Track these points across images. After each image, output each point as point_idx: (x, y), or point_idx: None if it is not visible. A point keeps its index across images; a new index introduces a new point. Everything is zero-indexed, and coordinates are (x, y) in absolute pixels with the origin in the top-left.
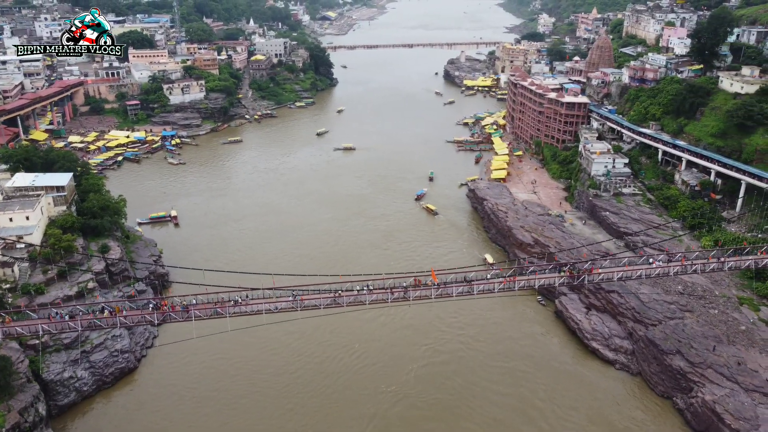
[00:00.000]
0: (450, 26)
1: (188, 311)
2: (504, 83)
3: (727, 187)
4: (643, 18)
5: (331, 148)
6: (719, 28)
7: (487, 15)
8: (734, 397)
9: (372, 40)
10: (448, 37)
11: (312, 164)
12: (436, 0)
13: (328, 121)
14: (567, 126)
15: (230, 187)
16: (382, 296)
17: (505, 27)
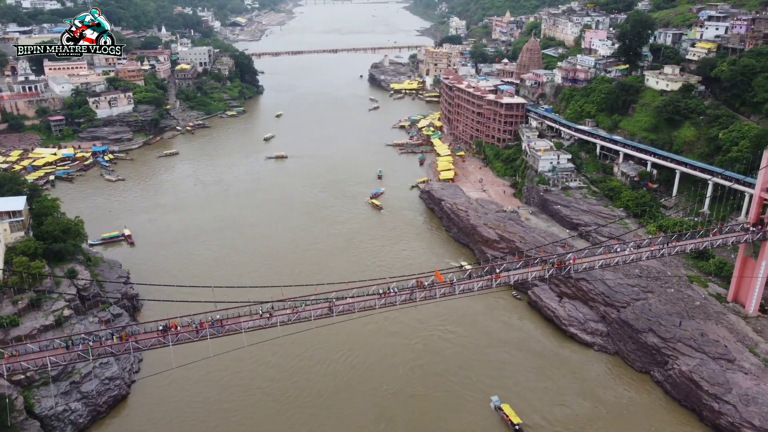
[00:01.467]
0: (362, 30)
1: (200, 330)
2: (430, 86)
3: (662, 177)
4: (560, 21)
5: (272, 156)
6: (642, 31)
7: (395, 18)
8: (705, 366)
9: (291, 45)
10: (362, 41)
11: (257, 174)
12: (342, 4)
13: (266, 128)
14: (507, 126)
15: (180, 202)
16: (390, 300)
17: (416, 30)
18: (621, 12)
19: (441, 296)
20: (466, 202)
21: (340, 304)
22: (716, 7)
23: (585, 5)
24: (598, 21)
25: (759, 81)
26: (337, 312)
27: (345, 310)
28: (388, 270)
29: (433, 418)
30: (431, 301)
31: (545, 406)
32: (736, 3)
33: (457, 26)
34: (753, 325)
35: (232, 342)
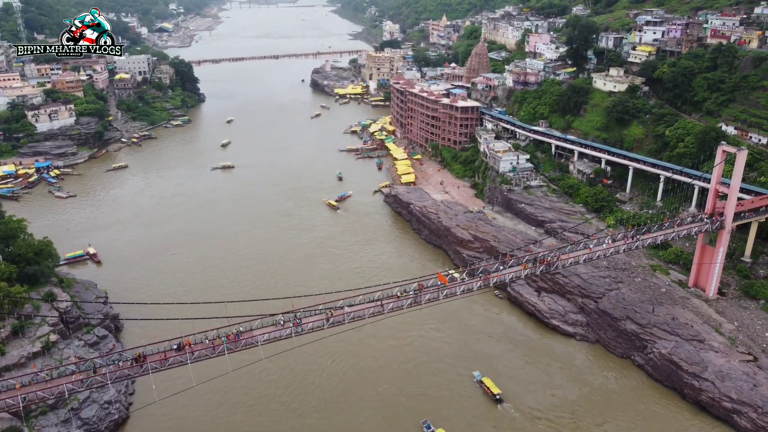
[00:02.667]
0: (294, 34)
1: (215, 346)
2: (374, 90)
3: (616, 173)
4: (501, 26)
5: (218, 166)
6: (588, 36)
7: (325, 22)
8: (681, 347)
9: (228, 51)
10: (295, 45)
11: (215, 184)
12: (267, 8)
13: (218, 136)
14: (463, 128)
15: (140, 216)
16: (398, 303)
17: (348, 34)
18: (557, 16)
19: (444, 297)
20: (434, 205)
21: (351, 312)
22: (652, 13)
23: (521, 10)
24: (537, 25)
25: (698, 81)
26: (348, 320)
27: (356, 317)
28: (371, 275)
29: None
30: (435, 303)
31: (537, 392)
32: (669, 8)
33: (391, 30)
34: (714, 307)
35: (230, 360)
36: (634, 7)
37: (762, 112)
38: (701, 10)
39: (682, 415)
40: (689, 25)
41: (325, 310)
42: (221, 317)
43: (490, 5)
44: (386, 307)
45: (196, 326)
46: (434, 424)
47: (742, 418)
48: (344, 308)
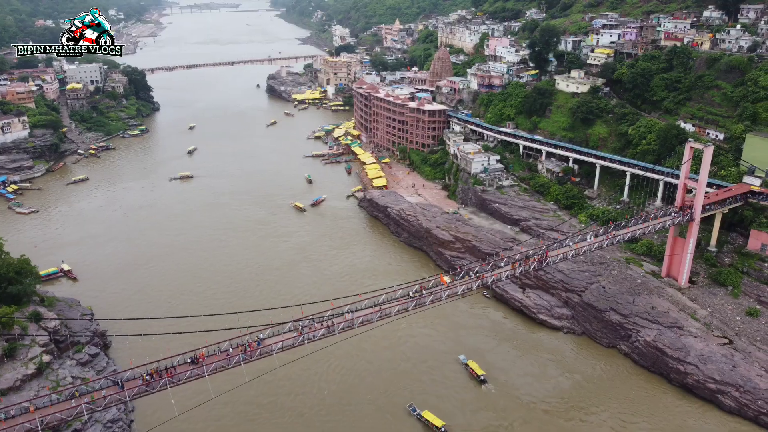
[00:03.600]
0: (241, 40)
1: (228, 357)
2: (332, 95)
3: (584, 171)
4: (458, 30)
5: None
6: (550, 39)
7: (271, 27)
8: (664, 334)
9: (180, 58)
10: (244, 51)
11: (184, 195)
12: (210, 13)
13: (180, 143)
14: (431, 131)
15: (111, 230)
16: (404, 306)
17: (297, 39)
18: (511, 20)
19: (446, 298)
20: (411, 207)
21: (360, 316)
22: (607, 16)
23: (475, 14)
24: (494, 29)
25: (656, 81)
26: (357, 324)
27: (365, 321)
28: (358, 279)
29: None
30: (438, 304)
31: (531, 382)
32: (622, 12)
33: (342, 34)
34: (687, 295)
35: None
36: (588, 11)
37: (717, 110)
38: (653, 14)
39: (669, 398)
40: (643, 28)
41: (334, 316)
42: (216, 330)
43: (439, 9)
44: (393, 310)
45: (190, 341)
46: (420, 406)
47: (726, 398)
48: (353, 313)
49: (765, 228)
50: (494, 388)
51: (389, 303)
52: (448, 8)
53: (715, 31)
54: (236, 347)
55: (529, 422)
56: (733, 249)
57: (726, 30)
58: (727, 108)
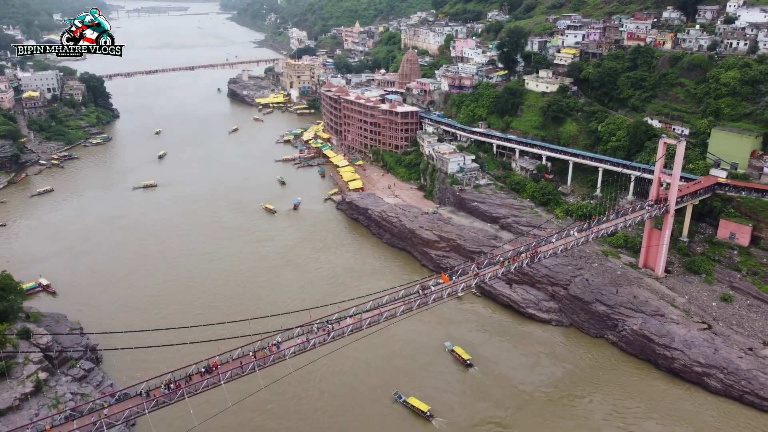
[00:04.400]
0: (195, 44)
1: (243, 365)
2: (296, 98)
3: (557, 168)
4: (422, 32)
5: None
6: (518, 40)
7: (223, 30)
8: (648, 323)
9: (132, 64)
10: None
11: (159, 203)
12: (159, 17)
13: (141, 152)
14: (404, 133)
15: (87, 242)
16: (408, 306)
17: (252, 42)
18: (473, 21)
19: (447, 296)
20: (391, 208)
21: (368, 317)
22: (570, 17)
23: (436, 16)
24: (457, 30)
25: (622, 80)
26: (365, 325)
27: (373, 322)
28: (346, 281)
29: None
30: (440, 302)
31: (523, 371)
32: (584, 13)
33: (299, 37)
34: (665, 284)
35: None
36: (552, 12)
37: (682, 106)
38: (615, 15)
39: (659, 383)
40: (606, 29)
41: (342, 319)
42: (213, 340)
43: (396, 11)
44: (398, 310)
45: (186, 352)
46: (406, 393)
47: (711, 380)
48: (361, 314)
49: (733, 218)
50: (480, 371)
51: (395, 303)
52: (406, 10)
53: (676, 31)
54: (257, 351)
55: (524, 408)
56: (704, 238)
57: (686, 30)
58: (691, 104)
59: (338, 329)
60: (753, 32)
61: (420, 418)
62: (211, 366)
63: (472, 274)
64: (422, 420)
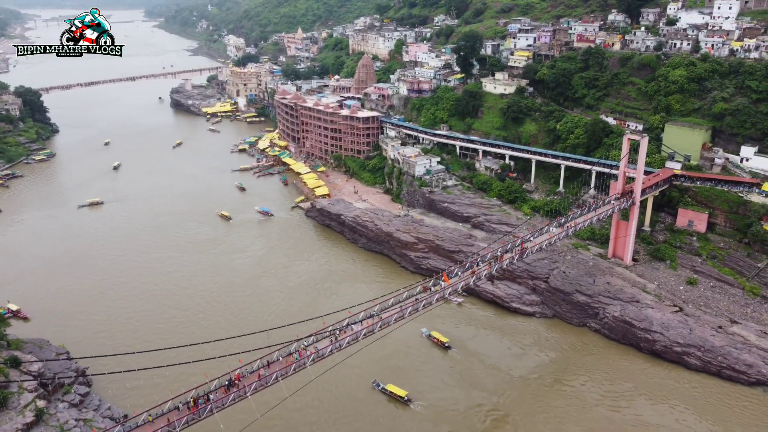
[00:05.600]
0: (127, 53)
1: (264, 377)
2: (244, 106)
3: (519, 166)
4: (370, 37)
5: (85, 204)
6: (475, 44)
7: (153, 38)
8: (627, 309)
9: (63, 76)
10: (134, 64)
11: (119, 219)
12: None
13: (90, 166)
14: (366, 138)
15: (50, 264)
16: (415, 306)
17: (185, 50)
18: (420, 26)
19: (449, 295)
20: (365, 213)
21: (379, 321)
22: (520, 21)
23: (382, 21)
24: (406, 35)
25: (576, 80)
26: (377, 327)
27: (383, 325)
28: (331, 287)
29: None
30: (442, 302)
31: (513, 360)
32: (533, 17)
33: (236, 44)
34: (635, 272)
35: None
36: (501, 16)
37: (634, 104)
38: (562, 18)
39: (643, 364)
40: (556, 31)
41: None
42: (207, 359)
43: (336, 16)
44: (406, 311)
45: (179, 373)
46: (384, 381)
47: (691, 358)
48: (372, 318)
49: (690, 206)
50: (460, 352)
51: (404, 303)
52: (344, 15)
53: (623, 32)
54: (286, 356)
55: (515, 392)
56: (665, 227)
57: (633, 32)
58: (643, 102)
59: (352, 333)
60: (694, 33)
61: (399, 404)
62: (234, 379)
63: (470, 273)
64: (401, 405)
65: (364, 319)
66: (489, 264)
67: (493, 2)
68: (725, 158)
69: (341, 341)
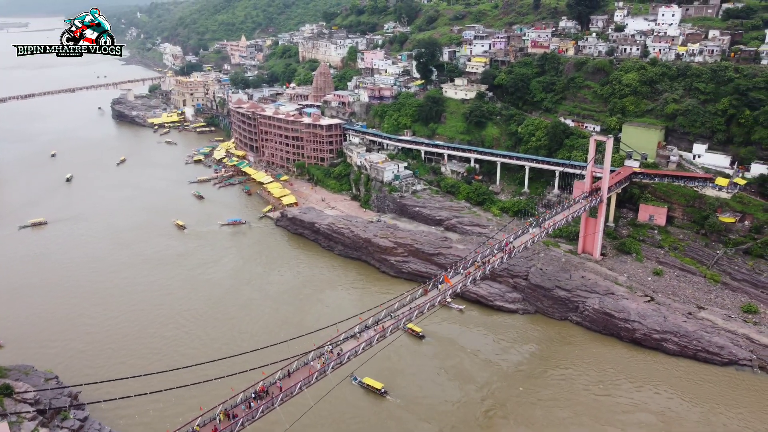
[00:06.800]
0: (53, 63)
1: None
2: (192, 116)
3: (485, 169)
4: (321, 44)
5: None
6: (434, 51)
7: None
8: (605, 301)
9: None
10: (63, 74)
11: (80, 238)
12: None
13: (37, 182)
14: (329, 145)
15: (14, 289)
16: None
17: (119, 59)
18: (369, 33)
19: (450, 295)
20: (338, 220)
21: (390, 325)
22: (474, 28)
23: (330, 28)
24: (358, 42)
25: (534, 84)
26: (389, 332)
27: (393, 329)
28: (314, 295)
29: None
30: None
31: (501, 353)
32: (486, 24)
33: (173, 53)
34: (605, 266)
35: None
36: (455, 23)
37: (591, 106)
38: (514, 25)
39: (625, 351)
40: (511, 38)
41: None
42: (205, 381)
43: (276, 23)
44: (412, 315)
45: (178, 395)
46: (360, 375)
47: (668, 344)
48: (383, 321)
49: (650, 201)
50: (448, 349)
51: (413, 306)
52: (285, 22)
53: (576, 38)
54: (317, 358)
55: (504, 382)
56: (627, 222)
57: (585, 38)
58: (599, 104)
59: (367, 339)
60: (642, 38)
61: (376, 396)
62: (259, 390)
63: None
64: (378, 397)
65: (373, 325)
66: (483, 266)
67: (445, 9)
68: (679, 155)
69: (357, 347)
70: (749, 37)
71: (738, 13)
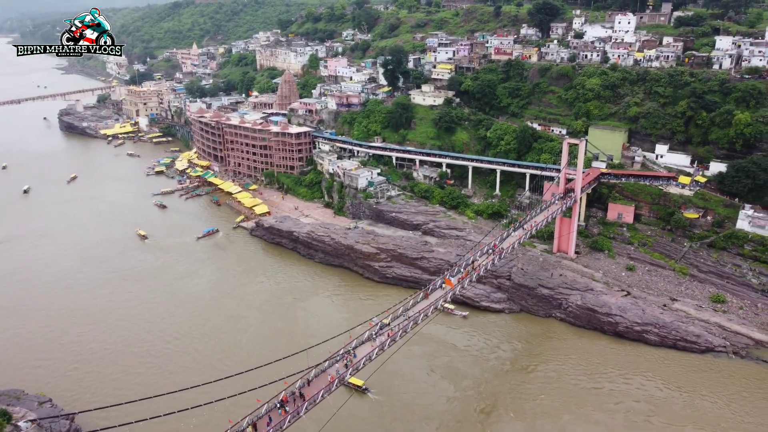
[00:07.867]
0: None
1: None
2: (146, 126)
3: (456, 173)
4: (280, 52)
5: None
6: (401, 58)
7: (11, 56)
8: (586, 297)
9: None
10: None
11: (46, 257)
12: None
13: None
14: (298, 153)
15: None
16: (425, 312)
17: (55, 68)
18: (327, 41)
19: (450, 296)
20: (317, 228)
21: (399, 330)
22: (437, 35)
23: (286, 36)
24: (317, 50)
25: (500, 90)
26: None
27: (401, 334)
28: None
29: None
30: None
31: (490, 351)
32: (448, 31)
33: (118, 62)
34: (580, 264)
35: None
36: (417, 31)
37: (556, 110)
38: (476, 32)
39: (610, 344)
40: (474, 45)
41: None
42: (209, 402)
43: (224, 31)
44: (419, 318)
45: (172, 419)
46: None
47: (650, 335)
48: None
49: (618, 200)
50: (439, 350)
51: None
52: (233, 30)
53: (538, 45)
54: (334, 365)
55: (494, 377)
56: (597, 221)
57: (547, 44)
58: (564, 108)
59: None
60: (601, 45)
61: (357, 392)
62: (283, 400)
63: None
64: (359, 393)
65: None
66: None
67: (406, 17)
68: (643, 156)
69: (371, 352)
70: (700, 43)
71: (688, 20)
